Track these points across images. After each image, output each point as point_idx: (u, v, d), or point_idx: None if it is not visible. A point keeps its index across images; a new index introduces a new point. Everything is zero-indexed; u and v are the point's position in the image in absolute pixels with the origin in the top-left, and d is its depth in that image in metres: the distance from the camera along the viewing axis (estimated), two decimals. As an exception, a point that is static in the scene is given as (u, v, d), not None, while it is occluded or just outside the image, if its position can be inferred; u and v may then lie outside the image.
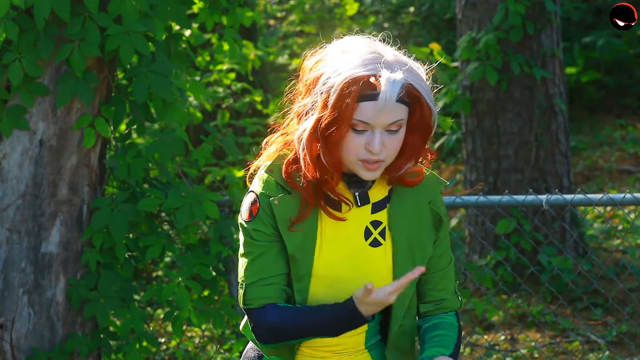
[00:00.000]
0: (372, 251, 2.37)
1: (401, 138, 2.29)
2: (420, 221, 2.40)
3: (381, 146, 2.25)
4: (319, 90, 2.26)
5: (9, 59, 3.83)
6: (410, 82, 2.25)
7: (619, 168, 8.64)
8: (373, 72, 2.23)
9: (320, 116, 2.25)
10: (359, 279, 2.35)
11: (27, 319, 4.04)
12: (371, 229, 2.37)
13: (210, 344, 5.74)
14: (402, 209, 2.39)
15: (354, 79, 2.22)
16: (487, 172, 6.59)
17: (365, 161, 2.27)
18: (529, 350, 5.52)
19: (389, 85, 2.21)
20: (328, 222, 2.36)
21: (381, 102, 2.21)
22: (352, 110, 2.22)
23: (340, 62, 2.26)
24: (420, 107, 2.28)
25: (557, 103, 6.51)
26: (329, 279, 2.36)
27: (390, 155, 2.29)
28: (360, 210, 2.37)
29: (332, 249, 2.36)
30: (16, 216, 4.02)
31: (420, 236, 2.39)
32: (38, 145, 4.01)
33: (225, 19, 4.55)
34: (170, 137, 4.09)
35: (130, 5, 3.81)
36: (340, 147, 2.27)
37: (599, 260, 6.52)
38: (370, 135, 2.25)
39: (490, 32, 6.37)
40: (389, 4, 10.71)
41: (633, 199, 4.15)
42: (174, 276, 4.13)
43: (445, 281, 2.47)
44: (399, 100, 2.24)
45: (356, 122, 2.24)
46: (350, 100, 2.21)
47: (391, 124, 2.25)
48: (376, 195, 2.39)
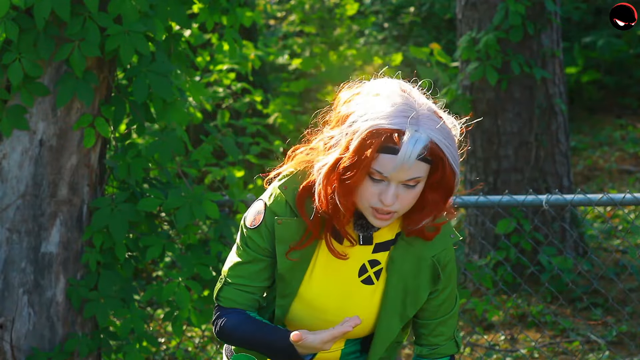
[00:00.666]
0: (361, 288, 2.38)
1: (417, 193, 2.25)
2: (420, 271, 2.38)
3: (394, 199, 2.22)
4: (345, 129, 2.23)
5: (9, 59, 3.83)
6: (436, 142, 2.20)
7: (619, 168, 8.64)
8: (398, 127, 2.18)
9: (340, 157, 2.22)
10: (341, 310, 2.37)
11: (27, 319, 4.04)
12: (367, 267, 2.37)
13: (210, 344, 5.74)
14: (405, 256, 2.37)
15: (378, 130, 2.18)
16: (487, 172, 6.59)
17: (376, 210, 2.24)
18: (529, 350, 5.52)
19: (411, 144, 2.16)
20: (325, 251, 2.37)
21: (399, 160, 2.17)
22: (372, 160, 2.19)
23: (371, 107, 2.21)
24: (443, 167, 2.22)
25: (557, 103, 6.51)
26: (312, 304, 2.38)
27: (403, 208, 2.26)
28: (361, 248, 2.37)
29: (322, 278, 2.37)
30: (16, 216, 4.02)
31: (416, 285, 2.38)
32: (38, 145, 4.01)
33: (225, 19, 4.55)
34: (170, 137, 4.09)
35: (130, 5, 3.81)
36: (354, 192, 2.24)
37: (599, 260, 6.52)
38: (385, 187, 2.22)
39: (490, 32, 6.37)
40: (389, 4, 10.71)
41: (633, 199, 4.15)
42: (174, 276, 4.13)
43: (442, 328, 2.47)
44: (421, 159, 2.19)
45: (373, 171, 2.20)
46: (371, 150, 2.17)
47: (408, 180, 2.21)
48: (381, 236, 2.37)
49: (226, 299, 2.40)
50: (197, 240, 4.29)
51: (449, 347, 2.48)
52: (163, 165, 4.24)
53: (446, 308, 2.45)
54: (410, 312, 2.40)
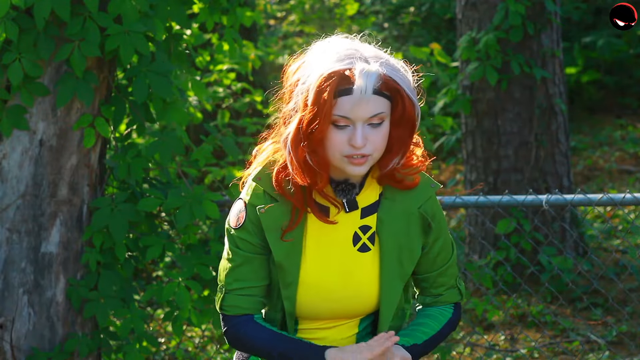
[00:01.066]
0: (360, 257, 2.38)
1: (385, 132, 2.29)
2: (409, 226, 2.39)
3: (364, 140, 2.26)
4: (299, 91, 2.28)
5: (9, 59, 3.83)
6: (388, 75, 2.25)
7: (619, 168, 8.64)
8: (348, 66, 2.24)
9: (302, 116, 2.26)
10: (346, 284, 2.37)
11: (27, 319, 4.04)
12: (360, 234, 2.38)
13: (210, 344, 5.74)
14: (391, 214, 2.38)
15: (330, 74, 2.23)
16: (487, 172, 6.59)
17: (350, 157, 2.27)
18: (529, 350, 5.52)
19: (364, 78, 2.22)
20: (314, 229, 2.37)
21: (357, 95, 2.23)
22: (331, 105, 2.24)
23: (318, 60, 2.28)
24: (402, 100, 2.28)
25: (557, 103, 6.51)
26: (317, 286, 2.37)
27: (377, 149, 2.29)
28: (348, 216, 2.37)
29: (318, 256, 2.37)
30: (16, 216, 4.02)
31: (408, 241, 2.39)
32: (38, 145, 4.01)
33: (225, 19, 4.55)
34: (170, 137, 4.08)
35: (130, 5, 3.81)
36: (324, 145, 2.28)
37: (599, 260, 6.52)
38: (351, 131, 2.26)
39: (490, 32, 6.37)
40: (389, 4, 10.71)
41: (633, 199, 4.15)
42: (174, 276, 4.13)
43: (443, 279, 2.48)
44: (377, 93, 2.25)
45: (336, 117, 2.25)
46: (328, 95, 2.22)
47: (372, 117, 2.26)
48: (366, 200, 2.39)
49: (230, 307, 2.39)
50: (197, 240, 4.29)
51: (452, 295, 2.49)
52: (163, 165, 4.24)
53: (443, 258, 2.46)
54: (408, 268, 2.39)
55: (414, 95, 2.31)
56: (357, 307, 2.39)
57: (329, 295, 2.37)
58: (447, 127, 7.06)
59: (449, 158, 9.13)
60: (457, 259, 2.59)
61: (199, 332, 5.84)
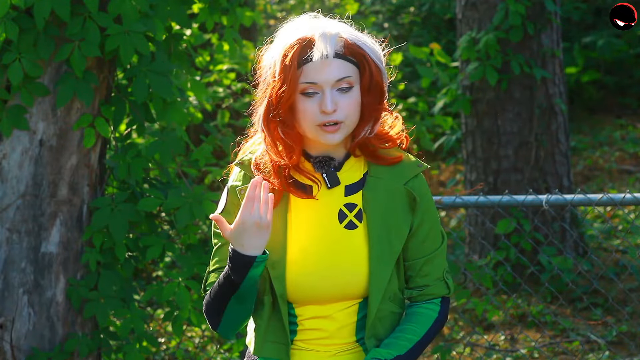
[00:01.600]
0: (348, 233, 2.37)
1: (356, 99, 2.32)
2: (396, 203, 2.38)
3: (333, 104, 2.29)
4: (266, 68, 2.35)
5: (9, 59, 3.83)
6: (351, 40, 2.31)
7: (619, 168, 8.64)
8: (310, 33, 2.30)
9: (271, 90, 2.32)
10: (334, 261, 2.36)
11: (27, 319, 4.04)
12: (346, 211, 2.37)
13: (210, 344, 5.74)
14: (376, 191, 2.38)
15: (292, 43, 2.30)
16: (487, 172, 6.59)
17: (323, 125, 2.30)
18: (529, 350, 5.52)
19: (323, 40, 2.28)
20: (298, 207, 2.38)
21: (318, 57, 2.27)
22: (295, 71, 2.28)
23: (281, 37, 2.34)
24: (369, 66, 2.32)
25: (557, 103, 6.51)
26: (306, 265, 2.36)
27: (349, 116, 2.32)
28: (331, 193, 2.38)
29: (304, 234, 2.37)
30: (16, 216, 4.02)
31: (396, 218, 2.38)
32: (38, 145, 4.01)
33: (225, 19, 4.55)
34: (170, 137, 4.08)
35: (130, 5, 3.81)
36: (295, 117, 2.32)
37: (599, 260, 6.51)
38: (320, 97, 2.29)
39: (490, 32, 6.37)
40: (389, 4, 10.71)
41: (633, 199, 4.15)
42: (174, 276, 4.13)
43: (429, 267, 2.43)
44: (341, 57, 2.29)
45: (303, 85, 2.29)
46: (291, 61, 2.28)
47: (338, 80, 2.29)
48: (350, 178, 2.39)
49: (210, 285, 2.42)
50: (197, 240, 4.29)
51: (438, 287, 2.44)
52: (163, 165, 4.24)
53: (430, 245, 2.42)
54: (396, 246, 2.37)
55: (380, 62, 2.35)
56: (348, 285, 2.36)
57: (317, 272, 2.35)
58: (447, 127, 7.07)
59: (449, 158, 9.13)
60: (457, 260, 2.58)
61: (199, 332, 5.84)
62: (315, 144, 2.37)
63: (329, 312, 2.39)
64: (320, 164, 2.38)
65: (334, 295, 2.37)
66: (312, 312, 2.40)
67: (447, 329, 5.96)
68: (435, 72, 7.03)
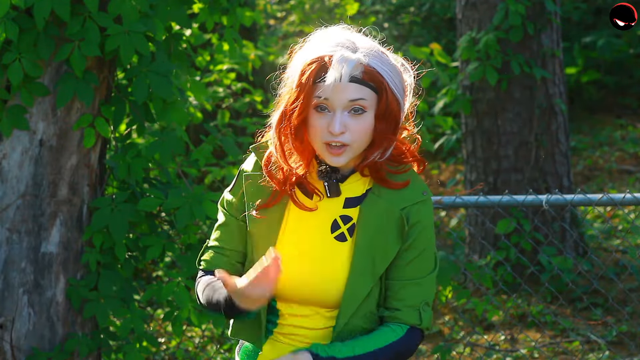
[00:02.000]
0: (336, 245, 2.37)
1: (368, 124, 2.31)
2: (389, 225, 2.36)
3: (342, 127, 2.28)
4: (288, 76, 2.35)
5: (9, 59, 3.83)
6: (372, 66, 2.29)
7: (619, 168, 8.64)
8: (331, 53, 2.29)
9: (287, 99, 2.32)
10: (317, 271, 2.36)
11: (27, 319, 4.04)
12: (340, 222, 2.38)
13: (210, 344, 5.74)
14: (373, 209, 2.37)
15: (313, 59, 2.29)
16: (487, 172, 6.59)
17: (329, 144, 2.31)
18: (529, 350, 5.52)
19: (340, 62, 2.27)
20: (296, 211, 2.39)
21: (330, 78, 2.27)
22: (310, 88, 2.29)
23: (310, 47, 2.34)
24: (386, 94, 2.30)
25: (557, 103, 6.51)
26: (291, 266, 2.36)
27: (356, 140, 2.31)
28: (330, 202, 2.38)
29: (294, 237, 2.38)
30: (16, 216, 4.02)
31: (385, 240, 2.35)
32: (38, 145, 4.01)
33: (225, 19, 4.54)
34: (170, 137, 4.08)
35: (130, 5, 3.81)
36: (305, 130, 2.33)
37: (599, 260, 6.52)
38: (331, 116, 2.30)
39: (490, 32, 6.37)
40: (389, 4, 10.71)
41: (633, 199, 4.15)
42: (174, 276, 4.13)
43: (405, 292, 2.37)
44: (358, 82, 2.28)
45: (317, 100, 2.29)
46: (307, 79, 2.28)
47: (351, 101, 2.29)
48: (352, 191, 2.39)
49: (205, 261, 2.47)
50: (197, 240, 4.29)
51: (409, 314, 2.37)
52: (163, 165, 4.24)
53: (413, 271, 2.37)
54: (379, 267, 2.35)
55: (399, 92, 2.33)
56: (324, 293, 2.35)
57: (299, 275, 2.36)
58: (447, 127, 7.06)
59: (449, 158, 9.13)
60: (457, 260, 2.57)
61: (199, 332, 5.84)
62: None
63: (308, 312, 2.39)
64: (324, 174, 2.38)
65: (311, 300, 2.37)
66: (293, 310, 2.40)
67: (447, 329, 5.97)
68: (436, 72, 7.03)
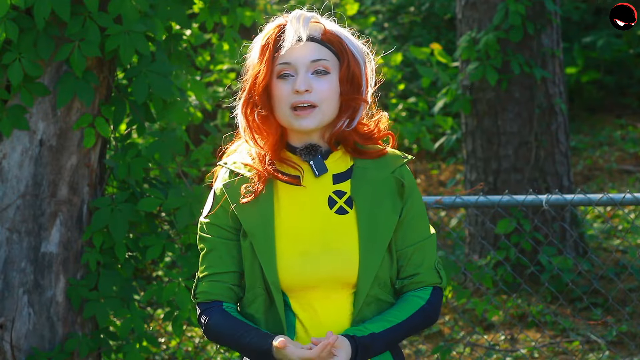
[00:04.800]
0: (339, 218, 2.37)
1: (333, 85, 2.33)
2: (384, 191, 2.39)
3: (306, 84, 2.31)
4: (248, 61, 2.39)
5: (9, 59, 3.83)
6: (330, 29, 2.34)
7: (619, 168, 8.64)
8: (287, 20, 2.35)
9: (247, 78, 2.36)
10: (327, 247, 2.36)
11: (27, 319, 4.04)
12: (335, 197, 2.38)
13: (210, 344, 5.74)
14: (365, 180, 2.39)
15: (269, 30, 2.35)
16: (487, 172, 6.59)
17: (295, 107, 2.32)
18: (529, 350, 5.52)
19: (296, 20, 2.31)
20: (286, 195, 2.39)
21: (290, 36, 2.30)
22: (271, 53, 2.32)
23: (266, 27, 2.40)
24: (347, 56, 2.34)
25: (557, 103, 6.51)
26: (297, 248, 2.36)
27: (323, 100, 2.33)
28: (319, 181, 2.39)
29: (294, 219, 2.37)
30: (16, 216, 4.02)
31: (384, 206, 2.38)
32: (38, 145, 4.01)
33: (225, 19, 4.55)
34: (170, 137, 4.09)
35: (130, 5, 3.81)
36: (271, 101, 2.35)
37: (599, 260, 6.52)
38: (295, 78, 2.32)
39: (490, 32, 6.37)
40: (389, 4, 10.71)
41: (633, 199, 4.15)
42: (174, 276, 4.13)
43: (419, 255, 2.42)
44: (318, 42, 2.33)
45: (279, 67, 2.32)
46: (267, 46, 2.32)
47: (313, 61, 2.32)
48: (336, 167, 2.41)
49: (201, 293, 2.42)
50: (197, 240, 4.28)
51: (429, 275, 2.42)
52: (163, 165, 4.24)
53: (419, 233, 2.42)
54: (386, 233, 2.37)
55: (360, 55, 2.37)
56: (340, 269, 2.35)
57: (309, 254, 2.35)
58: (447, 127, 7.07)
59: (449, 158, 9.13)
60: (457, 260, 2.58)
61: (199, 332, 5.84)
62: (296, 135, 2.39)
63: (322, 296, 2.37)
64: (307, 152, 2.38)
65: (325, 278, 2.36)
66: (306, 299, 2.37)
67: (447, 329, 5.97)
68: (436, 72, 7.03)
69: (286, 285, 2.37)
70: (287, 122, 2.35)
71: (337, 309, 2.38)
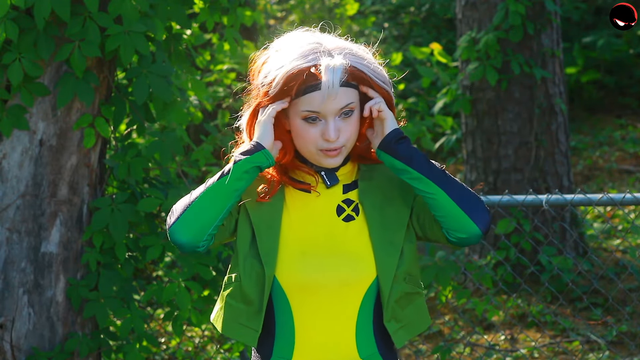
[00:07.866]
0: (345, 225, 2.39)
1: (356, 121, 2.36)
2: (392, 189, 2.42)
3: (337, 133, 2.32)
4: (260, 82, 2.35)
5: (9, 59, 3.83)
6: (353, 65, 2.32)
7: (619, 168, 8.64)
8: (313, 63, 2.29)
9: (259, 102, 2.34)
10: (333, 250, 2.37)
11: (27, 319, 4.04)
12: (344, 206, 2.41)
13: (210, 344, 5.74)
14: (371, 183, 2.42)
15: (296, 72, 2.29)
16: (487, 172, 6.59)
17: (326, 150, 2.34)
18: (529, 350, 5.52)
19: (330, 72, 2.28)
20: (295, 204, 2.41)
21: (324, 90, 2.28)
22: (297, 100, 2.30)
23: (282, 56, 2.33)
24: (370, 86, 2.35)
25: (557, 103, 6.51)
26: (298, 251, 2.37)
27: (349, 139, 2.35)
28: (330, 192, 2.42)
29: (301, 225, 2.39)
30: (16, 216, 4.02)
31: (393, 204, 2.40)
32: (38, 145, 4.01)
33: (225, 18, 4.55)
34: (170, 137, 4.09)
35: (130, 5, 3.81)
36: (296, 142, 2.36)
37: (599, 260, 6.52)
38: (324, 125, 2.32)
39: (490, 32, 6.37)
40: (389, 4, 10.71)
41: (633, 199, 4.15)
42: (174, 276, 4.13)
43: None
44: (344, 85, 2.31)
45: (305, 113, 2.31)
46: (294, 92, 2.29)
47: (342, 108, 2.32)
48: (346, 178, 2.44)
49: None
50: (197, 240, 4.28)
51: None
52: (163, 165, 4.25)
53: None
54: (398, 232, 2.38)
55: (381, 79, 2.36)
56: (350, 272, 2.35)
57: (317, 258, 2.35)
58: (447, 127, 7.06)
59: (449, 158, 9.13)
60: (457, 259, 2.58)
61: (199, 332, 5.84)
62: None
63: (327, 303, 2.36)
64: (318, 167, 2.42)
65: (330, 281, 2.35)
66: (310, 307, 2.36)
67: (447, 329, 5.97)
68: (436, 72, 7.02)
69: (286, 283, 2.37)
70: (312, 158, 2.38)
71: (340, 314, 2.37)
